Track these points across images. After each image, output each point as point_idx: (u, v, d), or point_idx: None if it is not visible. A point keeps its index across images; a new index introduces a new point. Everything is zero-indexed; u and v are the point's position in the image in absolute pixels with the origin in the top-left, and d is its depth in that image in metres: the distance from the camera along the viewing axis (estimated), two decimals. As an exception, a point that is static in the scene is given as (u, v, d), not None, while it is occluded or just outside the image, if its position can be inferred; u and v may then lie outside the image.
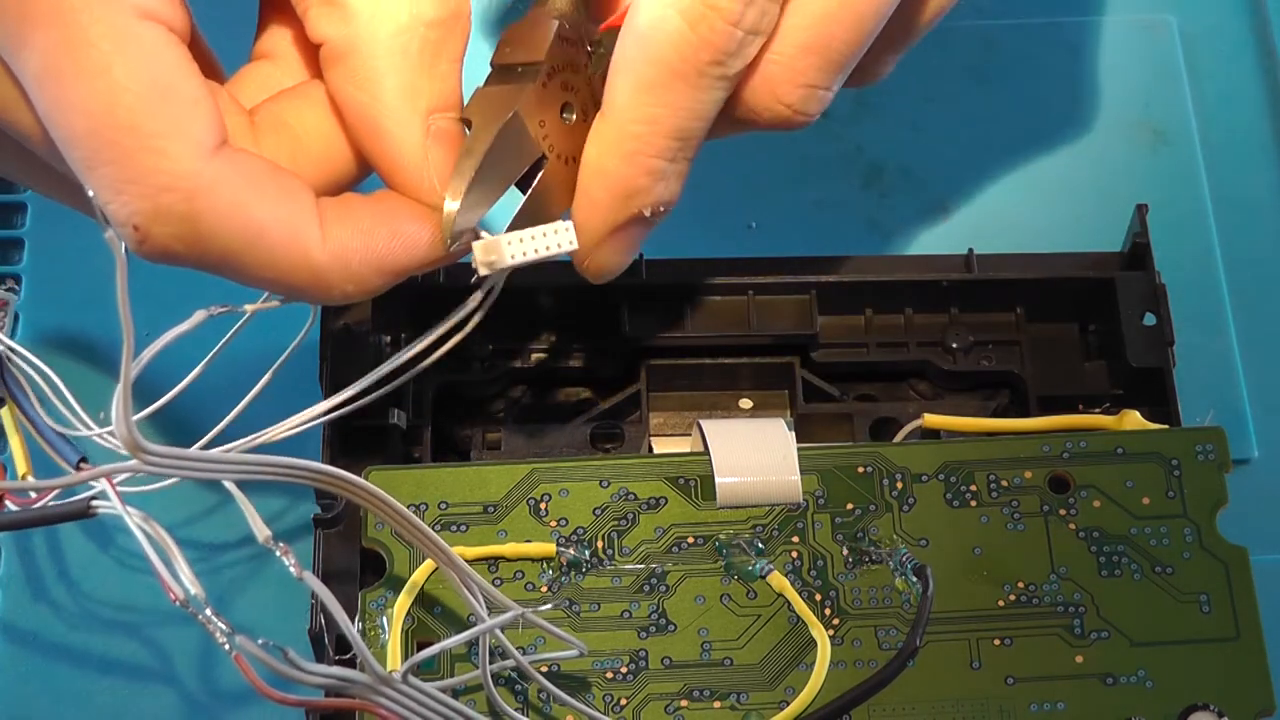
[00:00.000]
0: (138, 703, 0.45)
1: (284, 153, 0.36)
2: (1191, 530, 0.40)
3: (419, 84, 0.36)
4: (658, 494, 0.40)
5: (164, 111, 0.33)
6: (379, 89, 0.36)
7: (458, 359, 0.46)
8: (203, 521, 0.47)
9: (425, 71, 0.36)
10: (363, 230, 0.35)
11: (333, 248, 0.35)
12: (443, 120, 0.36)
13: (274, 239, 0.34)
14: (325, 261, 0.35)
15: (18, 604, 0.46)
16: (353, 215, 0.36)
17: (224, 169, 0.34)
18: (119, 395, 0.28)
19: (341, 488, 0.32)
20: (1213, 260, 0.52)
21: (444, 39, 0.36)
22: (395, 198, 0.36)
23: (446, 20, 0.36)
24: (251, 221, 0.34)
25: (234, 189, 0.34)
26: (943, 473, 0.41)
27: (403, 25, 0.36)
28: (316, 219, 0.35)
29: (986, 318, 0.47)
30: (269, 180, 0.35)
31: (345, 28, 0.36)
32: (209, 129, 0.34)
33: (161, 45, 0.34)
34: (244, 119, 0.36)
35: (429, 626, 0.39)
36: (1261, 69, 0.55)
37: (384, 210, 0.36)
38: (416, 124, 0.36)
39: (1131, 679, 0.39)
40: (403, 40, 0.36)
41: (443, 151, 0.36)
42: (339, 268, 0.35)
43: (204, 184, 0.33)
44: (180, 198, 0.33)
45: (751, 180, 0.53)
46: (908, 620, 0.39)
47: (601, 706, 0.39)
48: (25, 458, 0.41)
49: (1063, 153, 0.53)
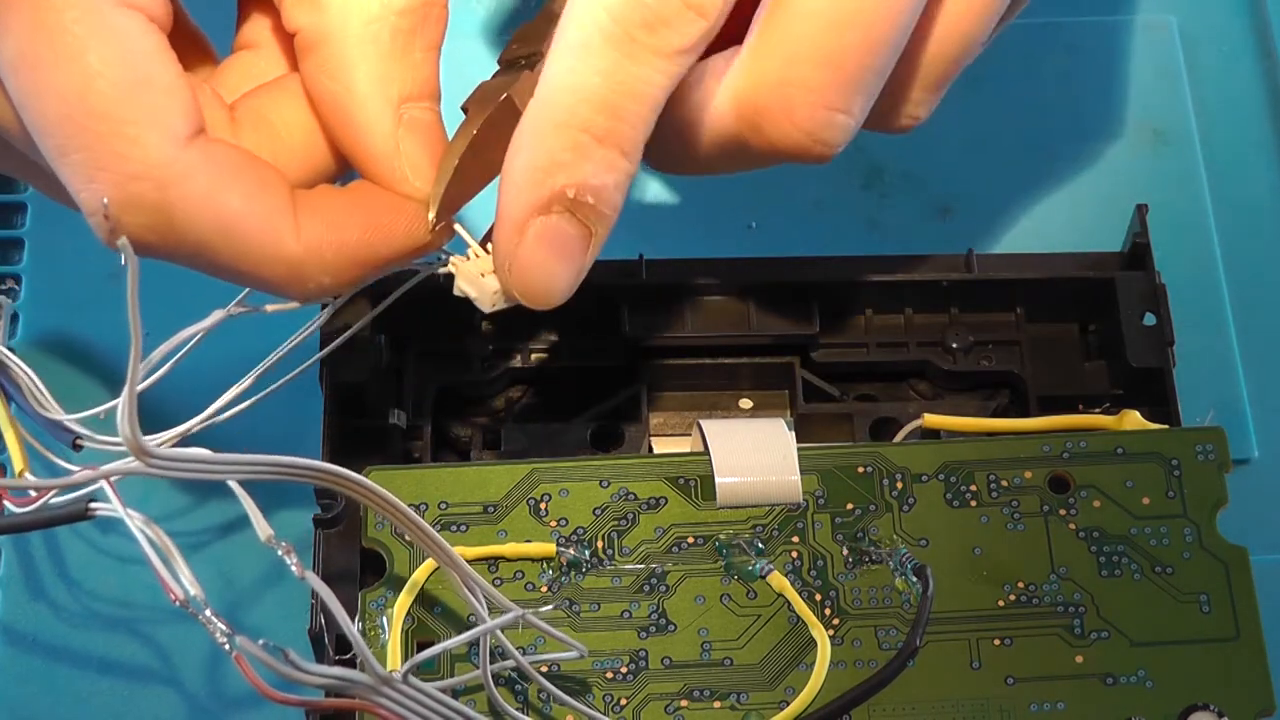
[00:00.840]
0: (137, 703, 0.45)
1: (264, 147, 0.36)
2: (1191, 530, 0.40)
3: (391, 73, 0.35)
4: (658, 494, 0.40)
5: (138, 99, 0.33)
6: (350, 78, 0.35)
7: (458, 359, 0.46)
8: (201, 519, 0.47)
9: (398, 60, 0.35)
10: (337, 222, 0.35)
11: (307, 240, 0.35)
12: (416, 109, 0.36)
13: (247, 230, 0.34)
14: (299, 254, 0.35)
15: (17, 604, 0.46)
16: (327, 207, 0.35)
17: (198, 159, 0.34)
18: (125, 396, 0.28)
19: (344, 486, 0.32)
20: (1213, 260, 0.52)
21: (417, 27, 0.36)
22: (370, 189, 0.36)
23: (419, 8, 0.36)
24: (225, 212, 0.34)
25: (207, 179, 0.34)
26: (943, 473, 0.41)
27: (374, 14, 0.35)
28: (291, 211, 0.35)
29: (986, 318, 0.47)
30: (244, 171, 0.34)
31: (317, 17, 0.35)
32: (183, 118, 0.34)
33: (138, 33, 0.34)
34: (224, 113, 0.36)
35: (429, 626, 0.39)
36: (1261, 69, 0.55)
37: (358, 202, 0.36)
38: (388, 113, 0.35)
39: (1131, 679, 0.39)
40: (374, 29, 0.35)
41: (416, 141, 0.36)
42: (314, 260, 0.35)
43: (176, 173, 0.33)
44: (152, 186, 0.33)
45: (751, 180, 0.52)
46: (908, 620, 0.39)
47: (601, 706, 0.39)
48: (22, 455, 0.41)
49: (1063, 153, 0.53)
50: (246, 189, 0.34)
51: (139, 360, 0.28)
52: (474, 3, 0.56)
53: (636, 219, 0.51)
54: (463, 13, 0.56)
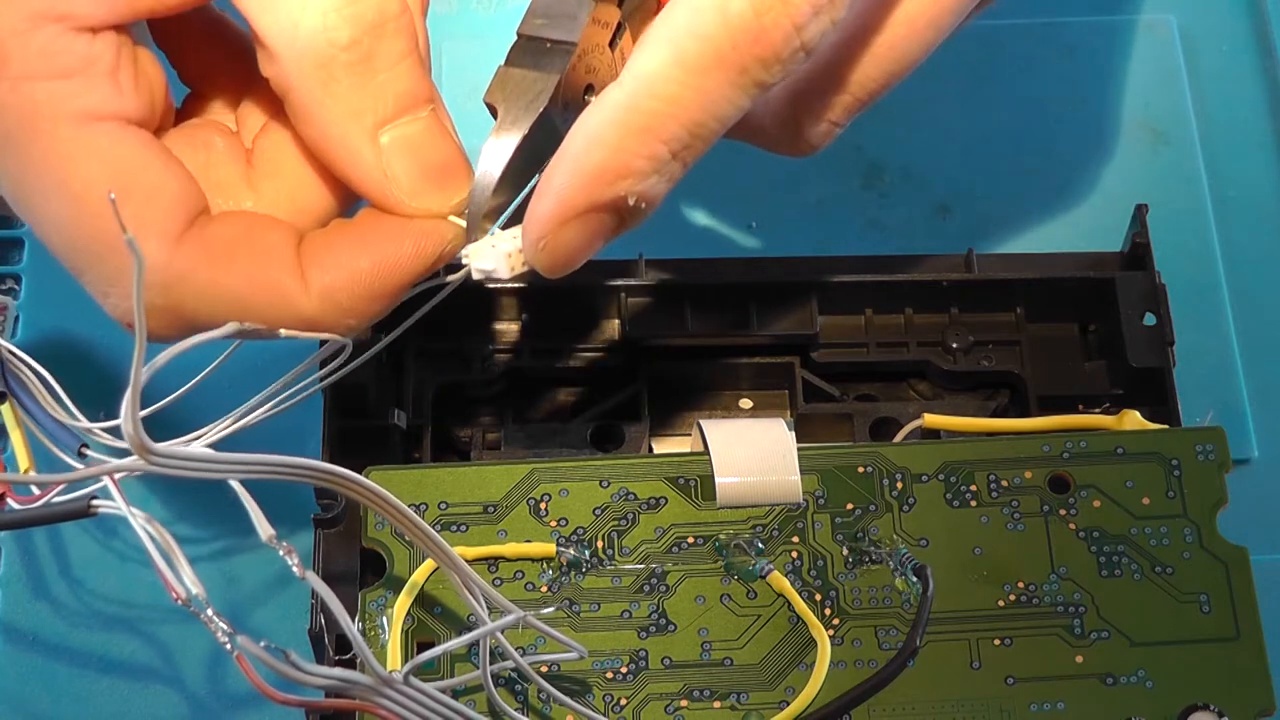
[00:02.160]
0: (138, 702, 0.45)
1: (281, 189, 0.36)
2: (1191, 530, 0.40)
3: (359, 105, 0.35)
4: (658, 494, 0.40)
5: (125, 213, 0.33)
6: (321, 121, 0.35)
7: (458, 359, 0.46)
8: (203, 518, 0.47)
9: (361, 90, 0.35)
10: (345, 262, 0.35)
11: (317, 292, 0.35)
12: (399, 128, 0.35)
13: (256, 303, 0.35)
14: (314, 307, 0.35)
15: (18, 602, 0.46)
16: (335, 248, 0.35)
17: (192, 253, 0.34)
18: (129, 394, 0.28)
19: (345, 486, 0.32)
20: (1213, 260, 0.52)
21: (373, 52, 0.35)
22: (376, 216, 0.36)
23: (370, 32, 0.35)
24: (230, 293, 0.34)
25: (206, 269, 0.34)
26: (943, 473, 0.41)
27: (323, 57, 0.34)
28: (296, 270, 0.35)
29: (986, 318, 0.47)
30: (242, 246, 0.35)
31: (274, 68, 0.35)
32: (171, 216, 0.34)
33: (112, 144, 0.34)
34: (239, 167, 0.36)
35: (429, 626, 0.39)
36: (1261, 69, 0.55)
37: (362, 237, 0.36)
38: (366, 145, 0.35)
39: (1131, 679, 0.39)
40: (325, 72, 0.34)
41: (404, 159, 0.35)
42: (330, 308, 0.35)
43: (175, 274, 0.34)
44: (157, 292, 0.34)
45: (751, 180, 0.53)
46: (908, 620, 0.39)
47: (601, 706, 0.39)
48: (27, 453, 0.41)
49: (1062, 153, 0.54)
50: (246, 265, 0.35)
51: (143, 358, 0.28)
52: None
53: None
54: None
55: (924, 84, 0.54)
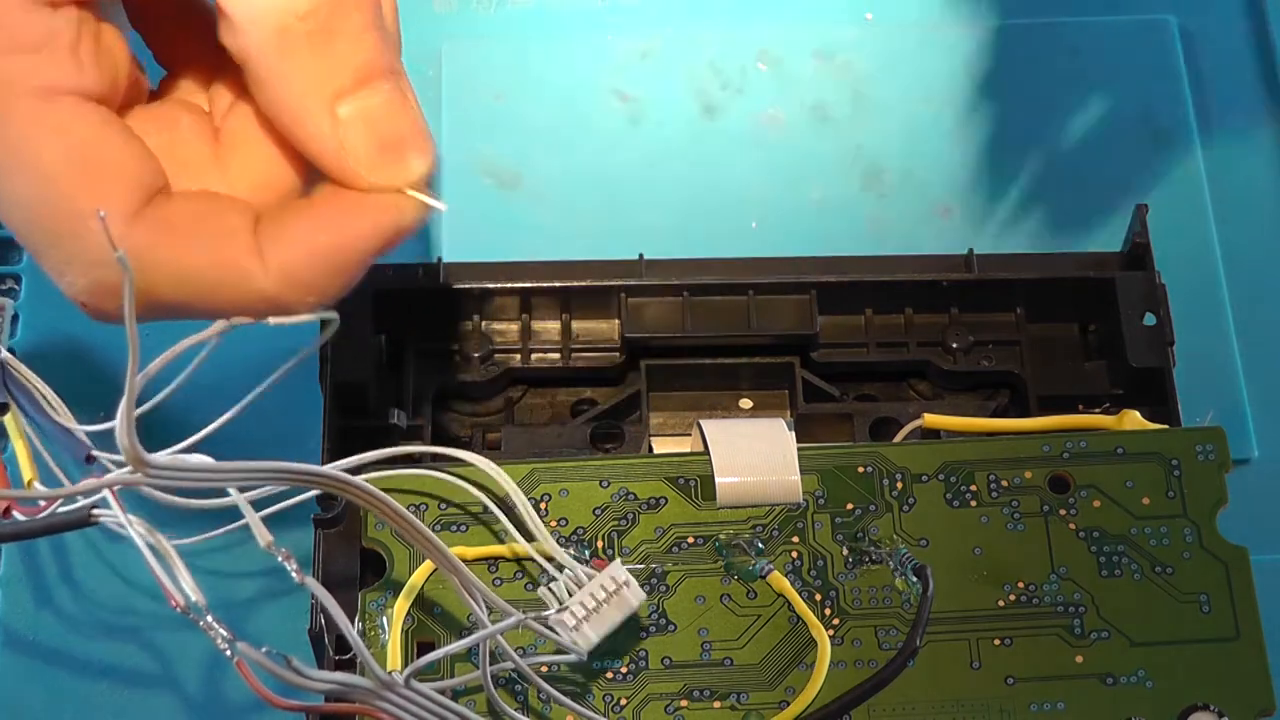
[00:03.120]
0: (138, 709, 0.45)
1: (249, 166, 0.36)
2: (1191, 530, 0.40)
3: (317, 74, 0.34)
4: (658, 494, 0.40)
5: (82, 190, 0.33)
6: (278, 93, 0.34)
7: (458, 359, 0.46)
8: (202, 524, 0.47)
9: (318, 62, 0.34)
10: (301, 241, 0.35)
11: (276, 270, 0.34)
12: (355, 101, 0.35)
13: (214, 281, 0.34)
14: (273, 285, 0.34)
15: (19, 608, 0.46)
16: (290, 228, 0.35)
17: (149, 230, 0.34)
18: (123, 407, 0.28)
19: (344, 490, 0.32)
20: (1213, 260, 0.52)
21: (332, 22, 0.34)
22: (332, 194, 0.35)
23: (329, 3, 0.34)
24: (186, 272, 0.34)
25: (163, 247, 0.34)
26: (943, 473, 0.41)
27: (281, 25, 0.34)
28: (253, 248, 0.34)
29: (986, 318, 0.47)
30: (196, 226, 0.34)
31: (234, 39, 0.34)
32: (129, 194, 0.34)
33: (70, 119, 0.34)
34: (205, 147, 0.36)
35: (429, 627, 0.39)
36: (1261, 69, 0.55)
37: (320, 213, 0.35)
38: (323, 117, 0.34)
39: (1131, 679, 0.39)
40: (283, 41, 0.34)
41: (360, 133, 0.35)
42: (289, 286, 0.34)
43: (130, 251, 0.33)
44: (113, 270, 0.33)
45: (751, 180, 0.53)
46: (908, 620, 0.39)
47: (601, 706, 0.39)
48: (30, 464, 0.41)
49: (1063, 153, 0.53)
50: (204, 243, 0.34)
51: (136, 372, 0.28)
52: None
53: (637, 219, 0.52)
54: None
55: (924, 84, 0.54)
